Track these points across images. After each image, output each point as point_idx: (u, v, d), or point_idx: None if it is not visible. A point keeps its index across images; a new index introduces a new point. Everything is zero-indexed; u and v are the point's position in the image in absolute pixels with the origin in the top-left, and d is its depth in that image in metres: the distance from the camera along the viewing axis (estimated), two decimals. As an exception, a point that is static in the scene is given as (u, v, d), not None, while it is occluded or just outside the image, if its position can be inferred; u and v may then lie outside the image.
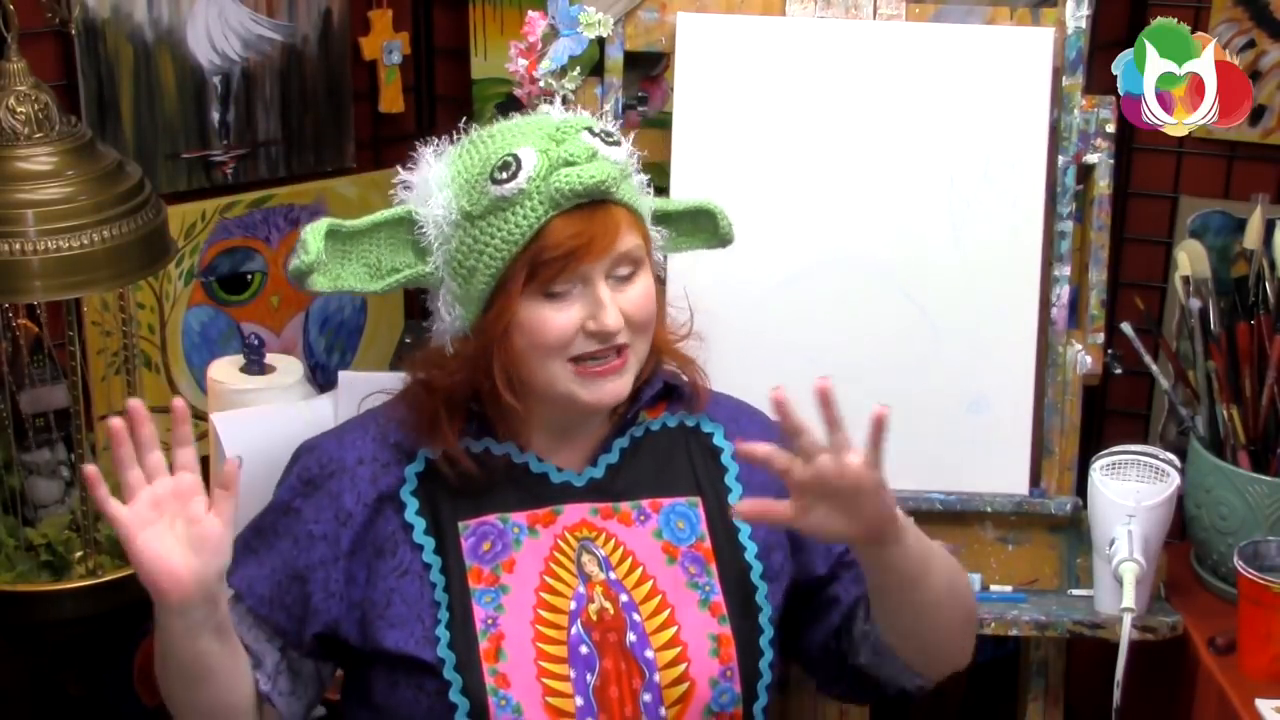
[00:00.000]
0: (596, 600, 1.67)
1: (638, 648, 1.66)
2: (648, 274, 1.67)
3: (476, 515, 1.69)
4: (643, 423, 1.77)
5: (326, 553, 1.67)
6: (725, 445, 1.78)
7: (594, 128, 1.65)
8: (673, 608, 1.68)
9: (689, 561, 1.71)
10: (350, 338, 2.80)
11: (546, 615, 1.66)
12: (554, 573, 1.68)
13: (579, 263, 1.61)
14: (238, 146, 2.63)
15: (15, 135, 2.09)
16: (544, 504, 1.70)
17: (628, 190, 1.65)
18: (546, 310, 1.62)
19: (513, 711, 1.61)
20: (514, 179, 1.60)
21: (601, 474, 1.73)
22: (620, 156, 1.65)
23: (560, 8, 2.21)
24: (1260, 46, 2.59)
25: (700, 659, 1.67)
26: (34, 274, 2.05)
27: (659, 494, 1.74)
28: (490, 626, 1.64)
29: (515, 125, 1.67)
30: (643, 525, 1.72)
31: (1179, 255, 2.35)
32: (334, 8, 2.67)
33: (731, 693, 1.68)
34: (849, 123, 2.23)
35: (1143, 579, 2.10)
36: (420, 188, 1.67)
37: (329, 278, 1.66)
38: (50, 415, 2.28)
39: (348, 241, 1.67)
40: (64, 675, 2.36)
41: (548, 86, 2.21)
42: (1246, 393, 2.24)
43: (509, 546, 1.68)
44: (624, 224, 1.63)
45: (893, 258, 2.22)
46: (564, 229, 1.60)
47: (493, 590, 1.65)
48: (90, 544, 2.20)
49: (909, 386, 2.21)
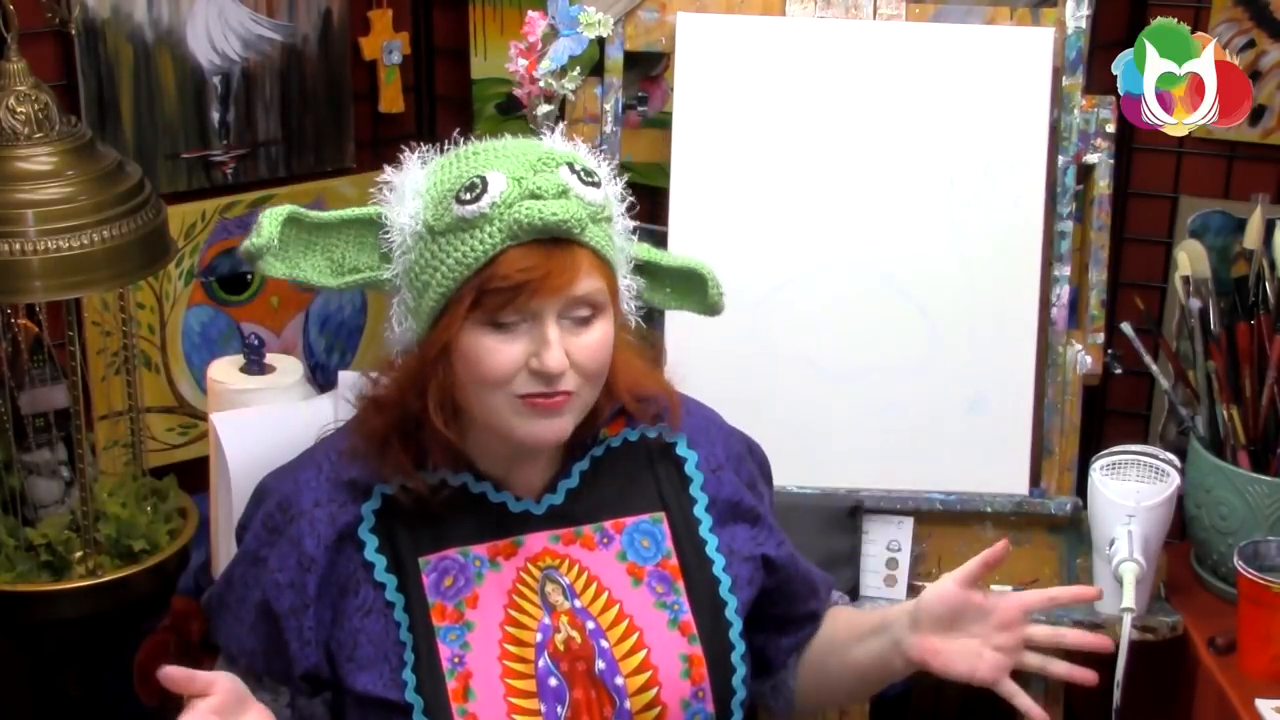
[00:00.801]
0: (563, 630, 1.65)
1: (607, 675, 1.64)
2: (608, 321, 1.61)
3: (436, 550, 1.65)
4: (603, 441, 1.74)
5: (295, 600, 1.63)
6: (689, 455, 1.75)
7: (576, 164, 1.60)
8: (641, 630, 1.66)
9: (656, 581, 1.69)
10: (350, 338, 2.80)
11: (513, 649, 1.63)
12: (518, 605, 1.65)
13: (528, 298, 1.55)
14: (238, 146, 2.63)
15: (15, 135, 2.09)
16: (504, 535, 1.67)
17: (596, 233, 1.58)
18: (490, 340, 1.57)
19: None
20: (477, 202, 1.56)
21: (561, 500, 1.69)
22: (596, 198, 1.59)
23: (560, 8, 2.21)
24: (1260, 46, 2.59)
25: (671, 682, 1.65)
26: (34, 274, 2.05)
27: (621, 514, 1.71)
28: (457, 665, 1.61)
29: (500, 146, 1.62)
30: (606, 548, 1.69)
31: (1179, 255, 2.35)
32: (334, 8, 2.67)
33: (704, 713, 1.66)
34: (849, 123, 2.23)
35: (1143, 579, 2.10)
36: (398, 192, 1.64)
37: (287, 264, 1.63)
38: (50, 415, 2.28)
39: (314, 232, 1.64)
40: (64, 675, 2.36)
41: (548, 86, 2.21)
42: (1246, 393, 2.24)
43: (471, 581, 1.64)
44: (585, 266, 1.57)
45: (893, 258, 2.22)
46: (518, 261, 1.55)
47: (457, 627, 1.62)
48: (90, 544, 2.20)
49: (909, 386, 2.22)
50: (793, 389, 2.22)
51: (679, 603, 1.68)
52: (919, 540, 2.24)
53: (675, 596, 1.68)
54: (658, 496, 1.73)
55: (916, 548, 2.24)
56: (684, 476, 1.75)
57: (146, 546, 2.24)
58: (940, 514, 2.23)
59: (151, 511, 2.30)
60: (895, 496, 2.23)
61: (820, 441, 2.21)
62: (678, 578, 1.69)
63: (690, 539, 1.71)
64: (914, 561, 2.24)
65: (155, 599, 2.28)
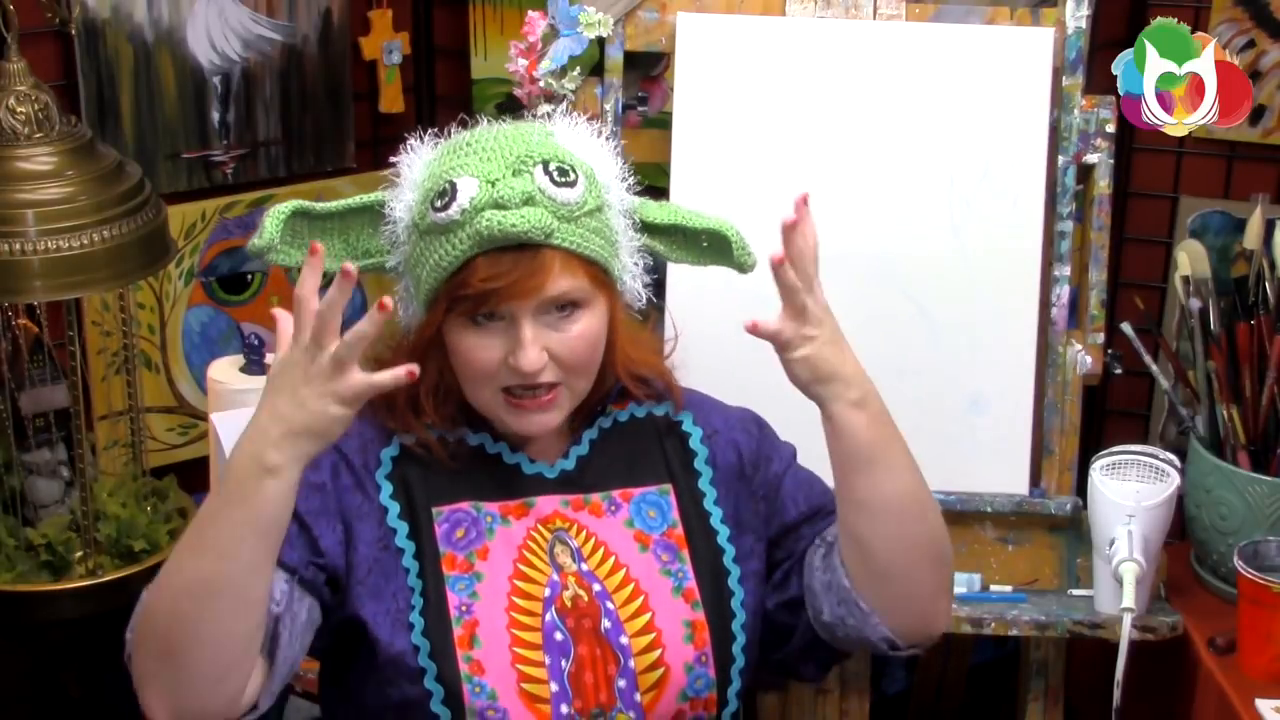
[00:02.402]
0: (570, 588, 1.68)
1: (612, 634, 1.67)
2: (592, 313, 1.64)
3: (450, 502, 1.69)
4: (610, 413, 1.78)
5: (328, 503, 1.66)
6: (694, 430, 1.79)
7: (553, 162, 1.62)
8: (646, 595, 1.69)
9: (661, 549, 1.72)
10: (350, 338, 2.80)
11: (521, 602, 1.66)
12: (528, 560, 1.68)
13: (497, 304, 1.60)
14: (238, 146, 2.63)
15: (15, 135, 2.09)
16: (516, 496, 1.71)
17: (569, 233, 1.61)
18: (472, 338, 1.62)
19: (487, 698, 1.61)
20: (446, 210, 1.60)
21: (572, 466, 1.74)
22: (570, 198, 1.61)
23: (560, 8, 2.21)
24: (1260, 46, 2.59)
25: (674, 645, 1.68)
26: (34, 274, 2.05)
27: (629, 484, 1.75)
28: (464, 613, 1.64)
29: (485, 141, 1.65)
30: (614, 515, 1.73)
31: (1179, 255, 2.35)
32: (334, 8, 2.67)
33: (706, 678, 1.68)
34: (849, 123, 2.23)
35: (1143, 579, 2.10)
36: (401, 181, 1.69)
37: (301, 250, 1.67)
38: (50, 415, 2.28)
39: (327, 220, 1.69)
40: (64, 675, 2.36)
41: (548, 86, 2.21)
42: (1246, 393, 2.24)
43: (483, 534, 1.68)
44: (556, 269, 1.60)
45: (893, 258, 2.22)
46: (485, 269, 1.59)
47: (466, 577, 1.66)
48: (90, 544, 2.20)
49: (909, 386, 2.21)
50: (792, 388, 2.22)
51: (683, 570, 1.71)
52: (919, 540, 2.24)
53: (680, 564, 1.72)
54: (665, 469, 1.76)
55: (916, 548, 2.23)
56: (689, 450, 1.78)
57: (146, 546, 2.24)
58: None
59: (151, 511, 2.30)
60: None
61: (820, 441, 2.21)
62: (683, 547, 1.73)
63: (696, 511, 1.75)
64: (914, 561, 2.23)
65: (155, 599, 2.28)
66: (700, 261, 1.79)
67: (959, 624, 2.18)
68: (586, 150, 1.68)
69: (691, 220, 1.76)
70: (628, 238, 1.71)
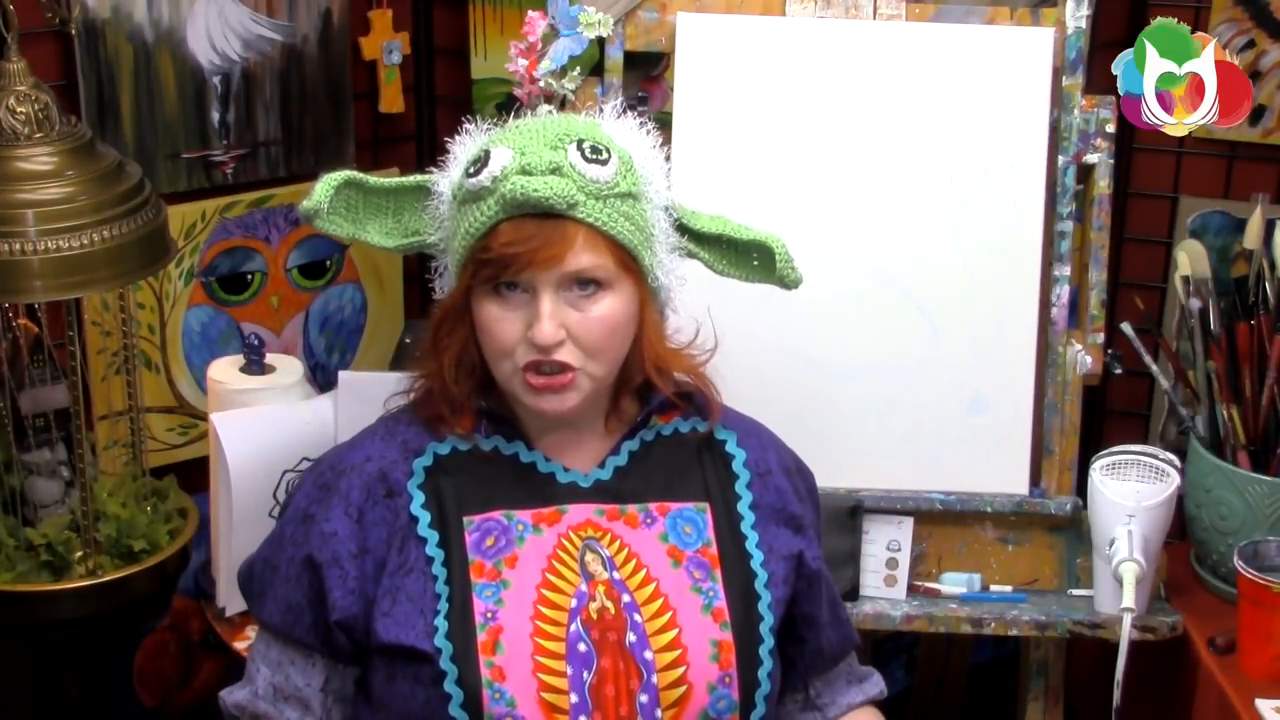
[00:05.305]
0: (598, 599, 1.67)
1: (637, 648, 1.66)
2: (616, 297, 1.65)
3: (482, 511, 1.69)
4: (654, 426, 1.77)
5: (340, 550, 1.67)
6: (737, 453, 1.78)
7: (587, 140, 1.64)
8: (675, 611, 1.68)
9: (694, 566, 1.71)
10: (350, 338, 2.80)
11: (546, 611, 1.66)
12: (556, 570, 1.68)
13: (519, 270, 1.61)
14: (238, 146, 2.63)
15: (15, 135, 2.09)
16: (549, 503, 1.71)
17: (596, 209, 1.62)
18: (494, 309, 1.64)
19: (506, 704, 1.61)
20: (477, 175, 1.63)
21: (608, 476, 1.73)
22: (601, 175, 1.62)
23: (560, 8, 2.21)
24: (1260, 46, 2.59)
25: (700, 663, 1.67)
26: (34, 274, 2.05)
27: (667, 498, 1.74)
28: (489, 620, 1.64)
29: (531, 123, 1.69)
30: (649, 528, 1.72)
31: (1179, 255, 2.35)
32: (334, 8, 2.67)
33: (729, 699, 1.67)
34: (849, 123, 2.23)
35: (1143, 579, 2.11)
36: (452, 159, 1.72)
37: (354, 224, 1.74)
38: (50, 415, 2.27)
39: (379, 195, 1.74)
40: (64, 675, 2.36)
41: (548, 87, 2.21)
42: (1246, 393, 2.24)
43: (512, 543, 1.68)
44: (580, 242, 1.61)
45: (893, 258, 2.22)
46: (508, 234, 1.61)
47: (494, 584, 1.66)
48: (90, 544, 2.20)
49: (909, 386, 2.22)
50: (793, 389, 2.22)
51: (715, 589, 1.71)
52: (919, 540, 2.24)
53: (711, 584, 1.71)
54: (703, 487, 1.76)
55: (916, 548, 2.24)
56: (731, 473, 1.78)
57: (146, 546, 2.24)
58: (940, 514, 2.23)
59: (151, 511, 2.30)
60: (895, 496, 2.23)
61: (820, 441, 2.21)
62: (715, 566, 1.72)
63: (731, 532, 1.74)
64: (914, 561, 2.24)
65: (155, 599, 2.28)
66: (749, 277, 1.80)
67: (959, 624, 2.18)
68: (630, 140, 1.70)
69: (739, 232, 1.77)
70: (665, 234, 1.72)
